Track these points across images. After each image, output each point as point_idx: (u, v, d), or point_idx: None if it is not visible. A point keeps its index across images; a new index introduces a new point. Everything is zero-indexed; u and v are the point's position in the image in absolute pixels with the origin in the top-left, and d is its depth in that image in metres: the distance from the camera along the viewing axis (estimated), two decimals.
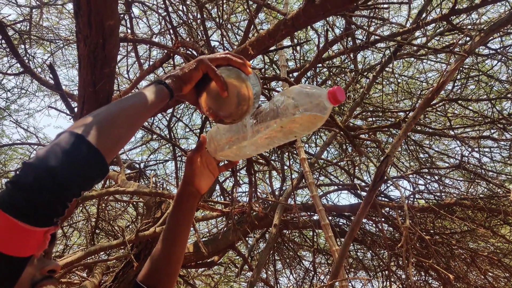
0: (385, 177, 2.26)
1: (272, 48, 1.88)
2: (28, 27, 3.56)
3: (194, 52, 1.77)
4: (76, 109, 1.38)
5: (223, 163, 1.05)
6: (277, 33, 1.53)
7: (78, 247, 4.42)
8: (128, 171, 4.42)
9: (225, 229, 3.40)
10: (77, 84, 1.30)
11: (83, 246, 3.87)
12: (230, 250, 4.06)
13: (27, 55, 3.47)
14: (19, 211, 0.50)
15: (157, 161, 4.54)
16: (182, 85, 0.77)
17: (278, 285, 4.65)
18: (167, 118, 3.29)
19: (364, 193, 3.97)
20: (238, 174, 3.36)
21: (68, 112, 1.47)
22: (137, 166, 4.47)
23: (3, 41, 2.64)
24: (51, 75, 1.53)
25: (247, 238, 4.03)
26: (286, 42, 3.94)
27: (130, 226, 4.54)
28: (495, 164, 4.23)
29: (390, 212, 3.97)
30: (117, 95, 1.88)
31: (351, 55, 3.62)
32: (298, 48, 3.44)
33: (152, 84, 0.76)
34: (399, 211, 3.13)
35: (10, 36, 2.38)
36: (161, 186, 4.23)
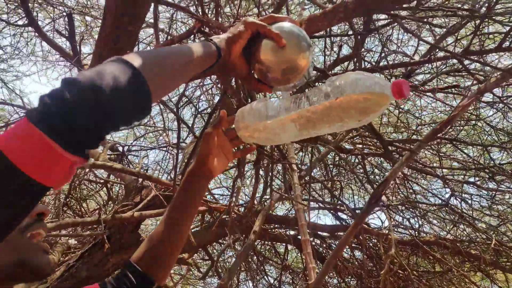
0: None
1: (318, 34, 1.76)
2: None
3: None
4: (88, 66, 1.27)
5: (239, 149, 0.98)
6: (334, 16, 1.41)
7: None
8: (110, 153, 4.24)
9: (201, 227, 3.27)
10: (96, 39, 1.20)
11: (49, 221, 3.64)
12: (200, 250, 3.92)
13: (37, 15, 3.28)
14: (53, 128, 0.41)
15: (141, 148, 4.39)
16: (231, 44, 0.70)
17: None
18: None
19: (346, 217, 3.94)
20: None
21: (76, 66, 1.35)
22: (120, 149, 4.30)
23: None
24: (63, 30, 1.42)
25: (220, 241, 3.90)
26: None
27: (103, 209, 4.34)
28: (473, 212, 4.28)
29: (368, 239, 3.94)
30: None
31: None
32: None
33: (198, 41, 0.69)
34: (383, 240, 3.10)
35: None
36: (145, 171, 4.06)
